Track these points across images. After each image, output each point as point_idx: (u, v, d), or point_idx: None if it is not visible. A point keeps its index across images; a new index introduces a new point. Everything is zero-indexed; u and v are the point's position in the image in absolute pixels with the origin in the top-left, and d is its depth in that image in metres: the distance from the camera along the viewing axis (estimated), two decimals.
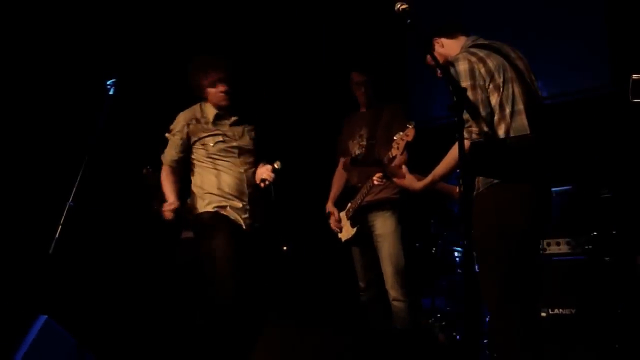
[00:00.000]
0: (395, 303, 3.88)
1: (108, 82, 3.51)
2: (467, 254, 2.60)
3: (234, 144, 3.74)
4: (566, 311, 3.98)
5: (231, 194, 3.72)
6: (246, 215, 3.70)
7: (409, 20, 2.55)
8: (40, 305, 3.37)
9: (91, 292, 4.30)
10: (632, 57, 4.47)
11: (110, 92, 3.48)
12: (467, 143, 2.64)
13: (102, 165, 3.55)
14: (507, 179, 2.63)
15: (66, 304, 3.74)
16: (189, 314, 4.17)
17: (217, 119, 3.75)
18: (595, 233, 3.97)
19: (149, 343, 4.15)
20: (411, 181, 3.02)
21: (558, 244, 4.17)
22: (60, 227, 3.21)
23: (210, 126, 3.74)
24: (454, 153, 2.67)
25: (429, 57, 3.00)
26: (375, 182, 3.67)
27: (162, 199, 3.93)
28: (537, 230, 2.72)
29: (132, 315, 4.38)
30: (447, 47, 2.96)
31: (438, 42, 2.99)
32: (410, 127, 3.18)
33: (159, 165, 3.93)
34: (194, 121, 3.73)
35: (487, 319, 2.83)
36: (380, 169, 3.60)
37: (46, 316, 3.32)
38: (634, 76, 2.56)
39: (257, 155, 3.80)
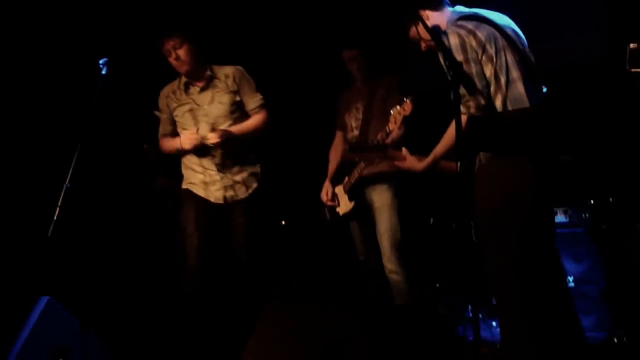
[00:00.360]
0: (392, 276, 3.91)
1: (100, 61, 3.47)
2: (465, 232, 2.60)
3: (202, 111, 3.72)
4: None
5: (201, 166, 3.72)
6: (216, 187, 3.71)
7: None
8: (42, 286, 3.38)
9: (92, 273, 4.31)
10: (629, 23, 4.43)
11: (103, 72, 3.45)
12: (464, 118, 2.64)
13: (98, 145, 3.52)
14: (507, 152, 2.62)
15: (68, 284, 3.75)
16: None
17: (186, 87, 3.77)
18: (592, 201, 3.98)
19: (152, 322, 4.18)
20: (413, 162, 3.01)
21: (556, 213, 4.17)
22: (58, 209, 3.19)
23: (182, 96, 3.77)
24: (452, 130, 2.62)
25: (412, 30, 2.92)
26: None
27: (164, 175, 4.00)
28: (545, 199, 2.70)
29: (134, 294, 4.41)
30: (433, 19, 2.87)
31: (423, 15, 2.87)
32: (408, 100, 3.16)
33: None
34: (171, 94, 3.80)
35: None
36: (380, 154, 3.54)
37: (48, 297, 3.34)
38: (632, 45, 2.53)
39: (237, 118, 3.78)
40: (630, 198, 3.92)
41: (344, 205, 4.11)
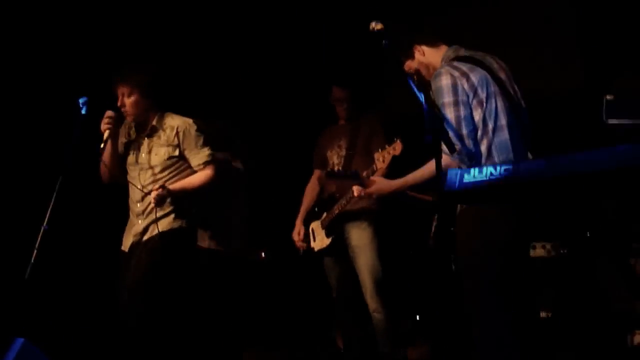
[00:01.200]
0: (375, 314, 3.92)
1: (80, 101, 3.45)
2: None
3: (142, 158, 3.64)
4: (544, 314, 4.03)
5: (132, 213, 3.67)
6: (135, 233, 3.61)
7: (384, 41, 2.52)
8: (17, 328, 3.33)
9: (68, 315, 4.26)
10: (604, 58, 4.50)
11: (83, 112, 3.43)
12: (446, 157, 2.59)
13: (76, 186, 3.49)
14: (487, 202, 2.62)
15: (44, 326, 3.70)
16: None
17: (137, 129, 3.70)
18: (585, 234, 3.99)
19: None
20: (381, 184, 2.94)
21: (543, 247, 4.18)
22: (35, 251, 3.15)
23: (133, 134, 3.71)
24: (430, 167, 2.63)
25: (407, 64, 2.94)
26: (356, 194, 3.66)
27: None
28: (523, 241, 2.74)
29: (111, 337, 4.34)
30: (428, 55, 2.90)
31: (419, 50, 2.91)
32: (398, 140, 3.17)
33: None
34: (128, 126, 3.73)
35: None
36: (357, 182, 3.58)
37: (23, 339, 3.29)
38: (608, 97, 2.57)
39: (179, 168, 3.64)
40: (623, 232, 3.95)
41: (320, 241, 4.10)
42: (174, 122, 3.64)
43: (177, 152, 3.62)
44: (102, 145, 3.57)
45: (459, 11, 5.10)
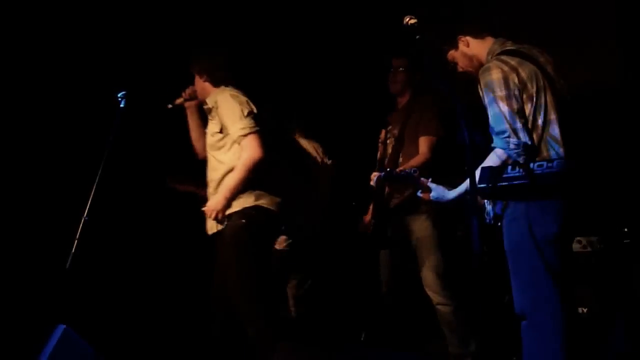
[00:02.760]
0: (439, 307, 3.81)
1: (119, 95, 3.53)
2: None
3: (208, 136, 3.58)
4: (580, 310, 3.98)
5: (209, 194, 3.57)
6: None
7: (417, 36, 2.52)
8: (59, 315, 3.42)
9: (109, 302, 4.34)
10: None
11: (122, 105, 3.50)
12: (502, 152, 2.63)
13: (116, 178, 3.57)
14: (535, 198, 2.60)
15: (85, 315, 3.79)
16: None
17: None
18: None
19: (167, 351, 4.20)
20: (442, 192, 2.91)
21: (579, 242, 4.12)
22: (76, 241, 3.24)
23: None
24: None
25: (451, 53, 2.93)
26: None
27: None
28: (568, 236, 2.72)
29: (151, 325, 4.42)
30: (473, 47, 2.89)
31: (463, 41, 2.90)
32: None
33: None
34: None
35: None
36: (410, 185, 3.39)
37: (64, 325, 3.38)
38: None
39: (221, 147, 3.47)
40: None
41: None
42: (217, 97, 3.50)
43: (218, 128, 3.45)
44: (168, 105, 3.67)
45: (496, 4, 5.05)
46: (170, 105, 3.67)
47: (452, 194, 2.88)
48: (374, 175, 3.74)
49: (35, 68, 4.33)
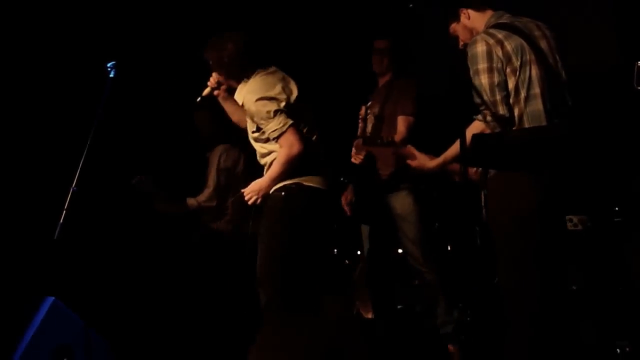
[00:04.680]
0: (427, 276, 3.93)
1: (108, 65, 3.48)
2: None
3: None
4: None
5: None
6: None
7: (411, 5, 2.52)
8: (47, 287, 3.41)
9: (97, 274, 4.34)
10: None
11: (111, 75, 3.45)
12: (480, 125, 2.67)
13: (105, 148, 3.53)
14: (514, 169, 2.62)
15: (73, 285, 3.77)
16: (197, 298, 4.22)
17: None
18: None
19: (156, 323, 4.20)
20: (423, 160, 3.01)
21: (570, 220, 4.15)
22: (64, 211, 3.21)
23: None
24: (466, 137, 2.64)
25: (452, 26, 2.96)
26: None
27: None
28: (553, 214, 2.71)
29: (138, 295, 4.43)
30: (474, 20, 2.90)
31: (464, 13, 2.92)
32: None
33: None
34: None
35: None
36: (391, 149, 3.57)
37: (53, 297, 3.36)
38: (639, 63, 2.53)
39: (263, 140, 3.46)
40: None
41: None
42: (242, 96, 3.46)
43: (254, 126, 3.45)
44: (197, 99, 3.59)
45: None
46: (198, 99, 3.58)
47: (433, 163, 2.96)
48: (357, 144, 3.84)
49: (22, 38, 4.28)
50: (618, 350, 3.64)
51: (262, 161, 3.55)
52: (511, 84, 2.66)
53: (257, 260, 3.38)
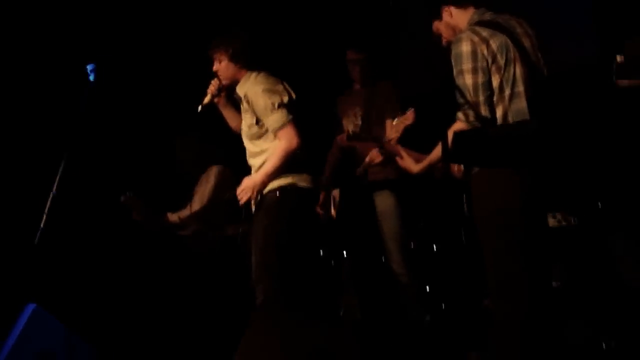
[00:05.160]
0: (402, 278, 3.97)
1: (88, 67, 3.45)
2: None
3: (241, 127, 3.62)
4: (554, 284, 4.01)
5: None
6: None
7: (391, 2, 2.52)
8: (29, 293, 3.37)
9: (79, 279, 4.30)
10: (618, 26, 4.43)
11: (91, 78, 3.43)
12: (463, 125, 2.66)
13: (85, 152, 3.51)
14: (496, 165, 2.62)
15: (55, 290, 3.74)
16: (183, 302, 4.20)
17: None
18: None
19: (138, 326, 4.18)
20: (409, 163, 3.04)
21: (554, 216, 4.17)
22: (45, 216, 3.18)
23: None
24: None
25: (435, 24, 2.95)
26: (377, 161, 3.70)
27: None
28: (535, 210, 2.71)
29: (120, 299, 4.40)
30: (456, 17, 2.89)
31: (447, 11, 2.90)
32: (411, 110, 3.15)
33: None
34: None
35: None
36: (377, 145, 3.61)
37: (35, 304, 3.32)
38: (618, 58, 2.54)
39: (260, 138, 3.50)
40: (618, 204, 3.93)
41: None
42: (246, 89, 3.52)
43: (254, 119, 3.48)
44: (198, 108, 3.58)
45: None
46: (200, 108, 3.59)
47: (418, 167, 2.99)
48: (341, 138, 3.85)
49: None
50: (604, 346, 3.65)
51: (253, 161, 3.55)
52: (495, 82, 2.66)
53: (253, 261, 3.38)
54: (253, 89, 3.47)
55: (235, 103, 3.70)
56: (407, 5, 2.77)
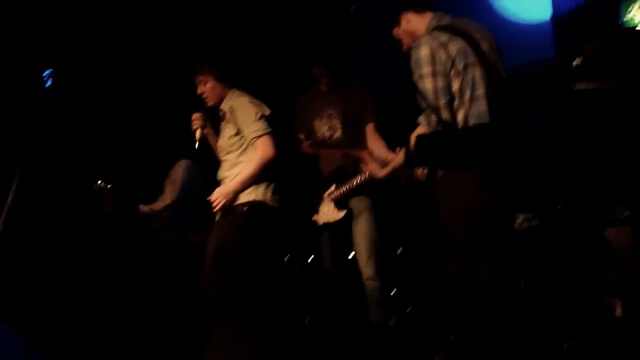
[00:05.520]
0: (369, 282, 3.90)
1: (44, 74, 3.37)
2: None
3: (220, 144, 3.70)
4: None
5: None
6: None
7: (352, 8, 2.52)
8: None
9: (37, 289, 4.22)
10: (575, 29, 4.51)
11: (47, 84, 3.35)
12: (425, 130, 2.68)
13: (42, 163, 3.43)
14: (460, 167, 2.64)
15: (12, 302, 3.66)
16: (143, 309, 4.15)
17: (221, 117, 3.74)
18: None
19: (99, 336, 4.12)
20: (375, 169, 3.15)
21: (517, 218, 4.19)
22: (1, 226, 3.09)
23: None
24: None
25: (395, 30, 2.96)
26: (377, 175, 3.57)
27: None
28: (501, 211, 2.72)
29: (80, 309, 4.33)
30: (414, 23, 2.90)
31: (405, 18, 2.91)
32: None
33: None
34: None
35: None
36: (344, 150, 3.62)
37: None
38: (575, 61, 2.57)
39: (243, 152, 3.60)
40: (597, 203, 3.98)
41: (326, 214, 4.03)
42: (231, 101, 3.66)
43: (235, 130, 3.60)
44: (195, 146, 3.67)
45: None
46: (197, 145, 3.68)
47: (382, 172, 3.09)
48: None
49: None
50: (565, 345, 3.70)
51: (226, 174, 3.62)
52: (455, 86, 2.67)
53: (208, 272, 3.41)
54: (239, 99, 3.63)
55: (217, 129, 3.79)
56: (366, 10, 2.76)
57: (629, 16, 4.31)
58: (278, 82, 5.12)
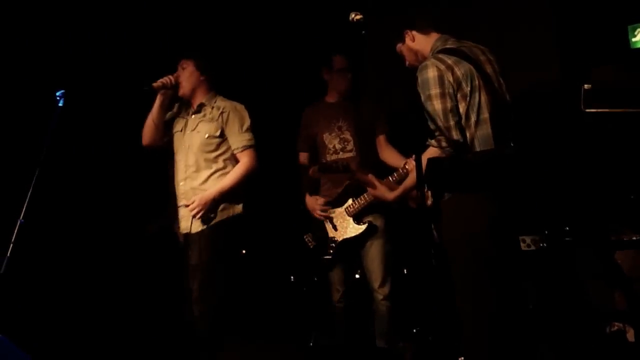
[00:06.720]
0: (383, 302, 3.81)
1: (57, 93, 3.41)
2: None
3: (186, 137, 3.62)
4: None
5: (177, 192, 3.63)
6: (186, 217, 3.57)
7: (363, 32, 2.54)
8: None
9: (46, 310, 4.21)
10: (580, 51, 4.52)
11: (60, 104, 3.38)
12: (436, 151, 2.70)
13: (53, 179, 3.45)
14: (467, 190, 2.65)
15: (22, 321, 3.65)
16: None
17: (186, 108, 3.71)
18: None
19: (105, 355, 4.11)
20: (383, 191, 3.07)
21: (523, 240, 4.18)
22: (11, 245, 3.11)
23: (183, 112, 3.72)
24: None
25: (398, 46, 2.98)
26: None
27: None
28: (506, 230, 2.74)
29: (87, 330, 4.32)
30: (418, 42, 2.92)
31: (409, 35, 2.93)
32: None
33: None
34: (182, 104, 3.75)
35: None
36: (349, 176, 3.59)
37: (1, 336, 3.24)
38: (586, 86, 2.59)
39: (217, 156, 3.58)
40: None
41: (345, 229, 3.91)
42: (223, 104, 3.65)
43: (218, 132, 3.58)
44: (145, 87, 3.56)
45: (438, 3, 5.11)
46: (146, 88, 3.57)
47: (393, 194, 3.02)
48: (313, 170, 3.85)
49: None
50: None
51: (197, 175, 3.54)
52: (462, 109, 2.69)
53: (195, 286, 3.42)
54: (232, 105, 3.64)
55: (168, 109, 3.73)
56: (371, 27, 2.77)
57: (635, 39, 4.34)
58: (284, 95, 5.16)
